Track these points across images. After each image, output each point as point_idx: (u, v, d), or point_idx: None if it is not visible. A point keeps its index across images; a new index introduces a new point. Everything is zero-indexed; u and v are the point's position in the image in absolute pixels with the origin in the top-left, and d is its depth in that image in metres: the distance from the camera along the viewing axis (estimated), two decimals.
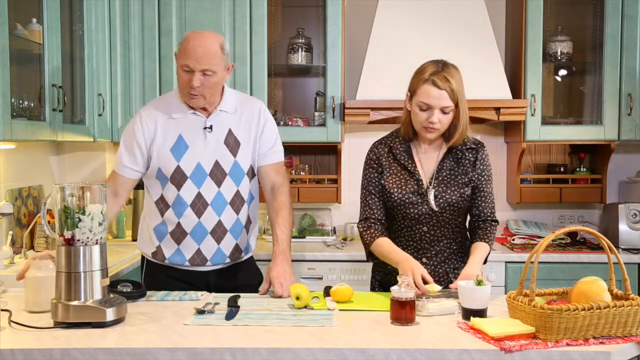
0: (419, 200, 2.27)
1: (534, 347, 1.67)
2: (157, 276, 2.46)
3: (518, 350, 1.66)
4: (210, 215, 2.39)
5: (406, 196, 2.27)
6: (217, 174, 2.39)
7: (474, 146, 2.33)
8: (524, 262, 3.02)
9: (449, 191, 2.27)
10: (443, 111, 2.20)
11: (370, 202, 2.32)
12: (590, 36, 3.70)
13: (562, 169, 3.82)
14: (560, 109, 3.84)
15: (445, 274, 2.32)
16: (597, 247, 3.45)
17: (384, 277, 2.42)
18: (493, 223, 2.33)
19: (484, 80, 3.51)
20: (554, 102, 3.83)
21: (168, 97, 2.49)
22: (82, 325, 1.85)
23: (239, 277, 2.50)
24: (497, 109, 3.49)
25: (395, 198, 2.28)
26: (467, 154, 2.32)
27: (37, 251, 3.09)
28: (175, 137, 2.39)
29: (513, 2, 3.77)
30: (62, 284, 1.87)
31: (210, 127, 2.39)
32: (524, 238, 3.67)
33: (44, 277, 2.02)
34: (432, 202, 2.26)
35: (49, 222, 2.29)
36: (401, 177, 2.30)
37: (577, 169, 3.83)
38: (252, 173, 2.47)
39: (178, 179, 2.37)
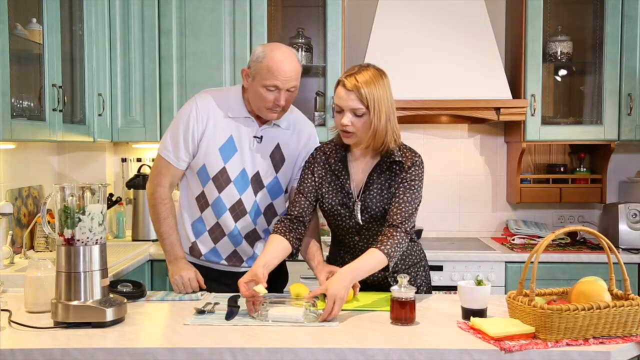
0: (347, 213, 2.24)
1: (534, 347, 1.67)
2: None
3: (518, 350, 1.66)
4: (246, 222, 2.39)
5: (335, 208, 2.25)
6: (256, 184, 2.38)
7: (401, 159, 2.20)
8: (524, 262, 3.02)
9: (373, 206, 2.21)
10: (355, 113, 2.12)
11: (295, 199, 2.29)
12: (590, 36, 3.69)
13: (562, 169, 3.81)
14: (560, 109, 3.84)
15: (383, 278, 2.29)
16: (597, 247, 3.45)
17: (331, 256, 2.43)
18: (400, 233, 2.13)
19: (484, 80, 3.51)
20: (554, 102, 3.83)
21: (227, 94, 2.41)
22: (82, 325, 1.85)
23: (270, 277, 2.49)
24: (497, 109, 3.49)
25: (326, 208, 2.27)
26: (394, 167, 2.22)
27: (37, 251, 3.09)
28: (225, 137, 2.34)
29: (513, 2, 3.77)
30: (62, 284, 1.87)
31: (260, 138, 2.37)
32: (524, 238, 3.67)
33: (44, 277, 2.02)
34: (358, 216, 2.23)
35: (48, 222, 2.29)
36: (334, 187, 2.26)
37: (577, 169, 3.82)
38: (281, 190, 2.45)
39: (221, 180, 2.34)
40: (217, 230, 2.39)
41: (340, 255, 2.36)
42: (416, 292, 2.25)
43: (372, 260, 2.08)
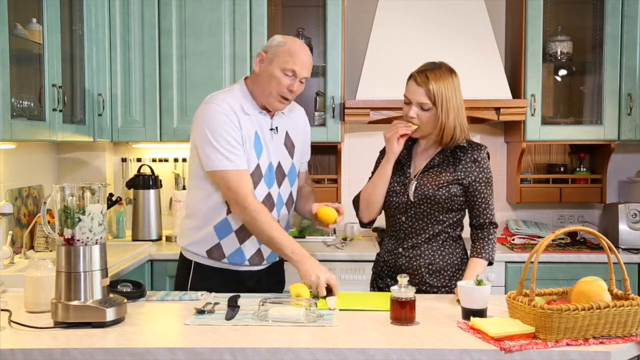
0: (401, 190, 2.36)
1: (534, 347, 1.67)
2: (208, 279, 2.39)
3: (518, 350, 1.66)
4: (274, 216, 2.39)
5: (391, 185, 2.38)
6: (279, 175, 2.41)
7: (464, 144, 2.34)
8: (524, 262, 3.02)
9: (428, 185, 2.32)
10: (421, 107, 2.28)
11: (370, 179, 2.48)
12: (590, 36, 3.69)
13: (562, 169, 3.82)
14: (560, 109, 3.84)
15: (418, 267, 2.34)
16: (597, 247, 3.45)
17: (378, 269, 2.51)
18: (491, 228, 2.36)
19: (484, 80, 3.51)
20: (554, 102, 3.83)
21: (234, 92, 2.37)
22: (82, 325, 1.85)
23: (280, 274, 2.56)
24: (497, 109, 3.49)
25: None
26: (457, 152, 2.35)
27: (37, 251, 3.09)
28: (253, 133, 2.34)
29: (513, 2, 3.77)
30: (62, 284, 1.87)
31: (276, 129, 2.41)
32: (524, 238, 3.66)
33: (44, 277, 2.02)
34: (411, 192, 2.33)
35: (48, 222, 2.29)
36: (395, 168, 2.40)
37: (577, 169, 3.82)
38: (296, 175, 2.51)
39: (256, 177, 2.33)
40: (244, 230, 2.36)
41: (385, 243, 2.46)
42: (449, 293, 2.29)
43: (480, 269, 2.29)
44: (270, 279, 2.51)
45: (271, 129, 2.39)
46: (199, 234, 2.40)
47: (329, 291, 2.22)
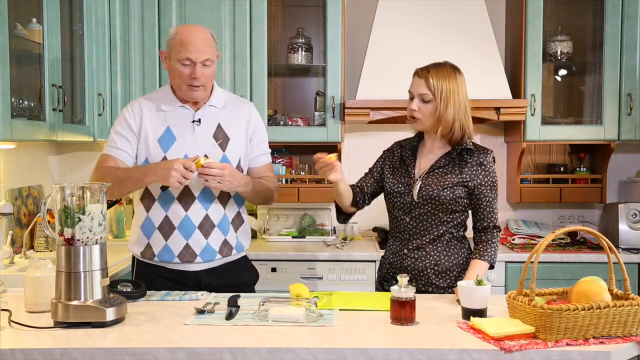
0: (405, 191, 2.37)
1: (534, 347, 1.67)
2: (147, 277, 2.42)
3: (518, 350, 1.66)
4: (197, 209, 2.38)
5: (395, 185, 2.40)
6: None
7: (471, 147, 2.36)
8: (524, 262, 3.02)
9: (433, 185, 2.33)
10: (422, 99, 2.32)
11: (363, 176, 2.54)
12: (590, 36, 3.70)
13: (562, 169, 3.82)
14: (560, 109, 3.84)
15: (424, 268, 2.35)
16: (597, 247, 3.45)
17: (383, 271, 2.50)
18: (494, 232, 2.37)
19: (484, 80, 3.51)
20: (554, 102, 3.84)
21: (158, 92, 2.54)
22: (82, 325, 1.85)
23: (232, 276, 2.47)
24: (497, 109, 3.49)
25: (387, 187, 2.43)
26: (463, 155, 2.36)
27: (37, 251, 3.09)
28: (163, 128, 2.40)
29: (513, 2, 3.77)
30: (62, 283, 1.87)
31: (199, 121, 2.42)
32: (524, 238, 3.67)
33: (44, 277, 2.02)
34: (415, 192, 2.35)
35: (48, 222, 2.29)
36: (399, 169, 2.43)
37: (577, 169, 3.83)
38: (240, 170, 2.44)
39: None
40: (166, 225, 2.38)
41: (389, 244, 2.48)
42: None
43: (481, 271, 2.28)
44: (214, 281, 2.40)
45: (193, 121, 2.41)
46: (134, 236, 2.47)
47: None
